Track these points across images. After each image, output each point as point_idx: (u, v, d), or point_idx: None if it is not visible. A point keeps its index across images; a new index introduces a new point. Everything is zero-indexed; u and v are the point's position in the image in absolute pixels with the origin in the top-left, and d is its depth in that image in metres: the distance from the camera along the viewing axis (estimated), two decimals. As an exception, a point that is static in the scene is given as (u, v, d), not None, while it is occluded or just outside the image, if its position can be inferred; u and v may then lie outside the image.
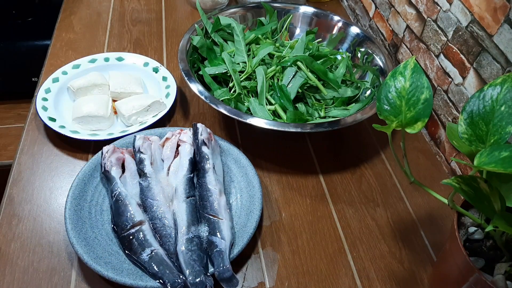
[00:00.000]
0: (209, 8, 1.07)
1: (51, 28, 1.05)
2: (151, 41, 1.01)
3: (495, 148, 0.42)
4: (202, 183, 0.64)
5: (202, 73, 0.79)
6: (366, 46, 0.88)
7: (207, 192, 0.63)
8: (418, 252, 0.65)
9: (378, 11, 0.98)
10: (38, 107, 0.77)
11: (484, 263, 0.49)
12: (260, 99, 0.76)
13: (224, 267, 0.56)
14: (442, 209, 0.70)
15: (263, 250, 0.63)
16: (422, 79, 0.50)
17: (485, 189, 0.43)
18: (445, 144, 0.77)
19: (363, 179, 0.75)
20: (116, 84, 0.83)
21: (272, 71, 0.79)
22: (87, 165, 0.67)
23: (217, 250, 0.57)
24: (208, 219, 0.61)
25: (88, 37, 1.01)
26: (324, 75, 0.79)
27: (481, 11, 0.64)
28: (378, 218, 0.69)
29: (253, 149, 0.77)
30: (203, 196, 0.63)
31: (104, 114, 0.77)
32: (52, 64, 0.93)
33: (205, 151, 0.66)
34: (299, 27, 0.96)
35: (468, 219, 0.53)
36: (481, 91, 0.47)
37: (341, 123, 0.70)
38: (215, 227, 0.60)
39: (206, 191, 0.63)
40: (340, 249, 0.64)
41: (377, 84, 0.81)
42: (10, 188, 0.69)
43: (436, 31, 0.76)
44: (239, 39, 0.85)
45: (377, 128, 0.50)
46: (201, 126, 0.69)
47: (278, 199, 0.70)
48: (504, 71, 0.61)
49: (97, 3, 1.13)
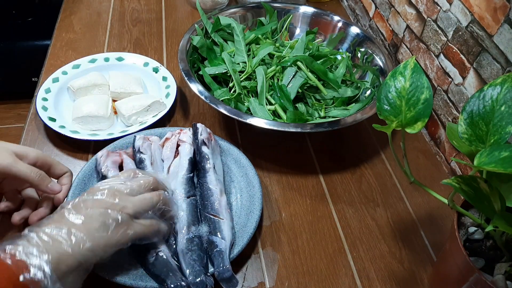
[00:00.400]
0: (209, 8, 1.07)
1: (51, 28, 1.05)
2: (151, 41, 1.01)
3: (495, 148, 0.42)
4: (203, 183, 0.64)
5: (202, 73, 0.79)
6: (366, 46, 0.88)
7: (208, 191, 0.63)
8: (418, 252, 0.65)
9: (378, 11, 0.98)
10: (38, 107, 0.77)
11: (484, 263, 0.49)
12: (260, 99, 0.76)
13: (224, 267, 0.56)
14: (442, 209, 0.70)
15: (263, 250, 0.63)
16: (422, 79, 0.50)
17: (485, 189, 0.43)
18: (445, 144, 0.77)
19: (363, 179, 0.75)
20: (116, 84, 0.83)
21: (272, 71, 0.79)
22: (87, 165, 0.67)
23: (217, 250, 0.57)
24: (209, 218, 0.61)
25: (88, 37, 1.01)
26: (324, 75, 0.79)
27: (481, 11, 0.64)
28: (378, 218, 0.69)
29: (253, 149, 0.77)
30: (204, 195, 0.63)
31: (104, 114, 0.77)
32: (52, 64, 0.93)
33: (205, 151, 0.66)
34: (299, 27, 0.96)
35: (468, 219, 0.53)
36: (481, 91, 0.47)
37: (341, 123, 0.70)
38: (215, 227, 0.60)
39: (207, 190, 0.63)
40: (340, 249, 0.64)
41: (377, 84, 0.81)
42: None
43: (436, 31, 0.76)
44: (239, 39, 0.85)
45: (377, 128, 0.50)
46: (201, 126, 0.69)
47: (278, 199, 0.70)
48: (504, 71, 0.61)
49: (97, 3, 1.13)
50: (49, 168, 0.62)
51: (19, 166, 0.56)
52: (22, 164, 0.57)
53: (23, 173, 0.56)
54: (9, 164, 0.55)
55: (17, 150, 0.58)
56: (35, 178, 0.57)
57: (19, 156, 0.58)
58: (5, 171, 0.55)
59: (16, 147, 0.59)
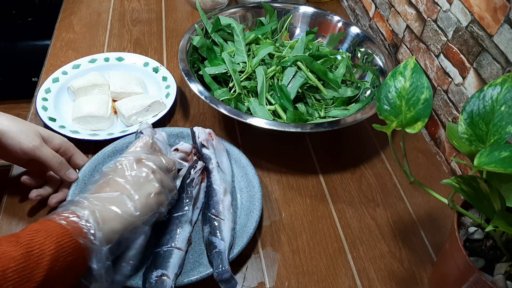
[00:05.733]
0: (209, 8, 1.07)
1: (51, 28, 1.05)
2: (151, 41, 1.01)
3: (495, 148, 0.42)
4: (209, 184, 0.65)
5: (202, 73, 0.79)
6: (366, 46, 0.88)
7: (212, 192, 0.63)
8: (418, 252, 0.65)
9: (378, 11, 0.98)
10: (38, 107, 0.77)
11: (484, 263, 0.49)
12: (260, 99, 0.76)
13: (223, 268, 0.56)
14: (442, 209, 0.70)
15: (263, 250, 0.63)
16: (422, 79, 0.50)
17: (485, 189, 0.43)
18: (445, 144, 0.77)
19: (363, 179, 0.75)
20: (116, 84, 0.83)
21: (272, 71, 0.79)
22: (87, 165, 0.67)
23: (216, 251, 0.57)
24: (210, 219, 0.61)
25: (88, 37, 1.01)
26: (324, 75, 0.79)
27: (481, 11, 0.64)
28: (378, 218, 0.69)
29: (253, 149, 0.77)
30: (208, 195, 0.64)
31: (104, 114, 0.77)
32: (52, 64, 0.93)
33: (205, 152, 0.67)
34: (299, 27, 0.96)
35: (468, 219, 0.53)
36: (481, 91, 0.47)
37: (341, 123, 0.70)
38: (216, 228, 0.60)
39: (211, 191, 0.64)
40: (340, 249, 0.64)
41: (377, 84, 0.81)
42: (10, 188, 0.69)
43: (436, 31, 0.76)
44: (239, 39, 0.85)
45: (377, 128, 0.50)
46: (198, 129, 0.69)
47: (278, 199, 0.70)
48: (504, 71, 0.61)
49: (97, 3, 1.13)
50: (71, 156, 0.65)
51: (43, 150, 0.60)
52: (47, 149, 0.60)
53: (46, 157, 0.60)
54: (35, 147, 0.59)
55: (44, 133, 0.62)
56: (55, 164, 0.61)
57: (45, 139, 0.61)
58: (31, 153, 0.59)
59: (44, 131, 0.62)
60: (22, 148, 0.59)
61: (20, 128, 0.59)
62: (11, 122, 0.60)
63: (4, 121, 0.59)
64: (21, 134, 0.59)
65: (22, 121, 0.61)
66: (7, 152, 0.60)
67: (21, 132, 0.59)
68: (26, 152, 0.59)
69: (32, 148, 0.59)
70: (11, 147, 0.59)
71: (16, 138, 0.59)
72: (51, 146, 0.62)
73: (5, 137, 0.58)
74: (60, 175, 0.63)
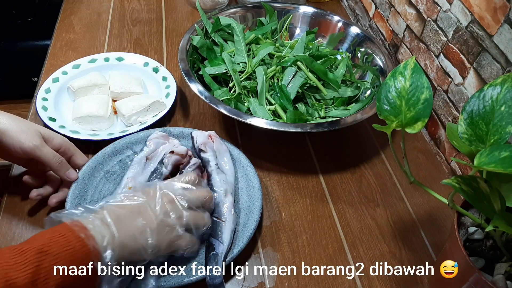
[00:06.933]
0: (209, 8, 1.07)
1: (51, 28, 1.05)
2: (151, 41, 1.01)
3: (495, 148, 0.42)
4: (210, 187, 0.64)
5: (202, 73, 0.79)
6: (366, 46, 0.88)
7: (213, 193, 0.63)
8: (418, 252, 0.65)
9: (378, 11, 0.98)
10: (38, 107, 0.77)
11: (484, 263, 0.49)
12: (260, 99, 0.76)
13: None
14: (442, 209, 0.70)
15: (263, 250, 0.63)
16: (422, 79, 0.50)
17: (485, 189, 0.43)
18: (445, 144, 0.77)
19: (363, 179, 0.75)
20: (116, 84, 0.83)
21: (272, 71, 0.79)
22: (87, 165, 0.67)
23: (213, 253, 0.57)
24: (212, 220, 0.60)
25: (88, 37, 1.01)
26: (324, 75, 0.79)
27: (481, 11, 0.64)
28: (378, 218, 0.69)
29: (253, 149, 0.77)
30: None
31: (104, 114, 0.77)
32: (52, 64, 0.93)
33: (204, 156, 0.67)
34: (299, 27, 0.96)
35: (468, 219, 0.53)
36: (481, 91, 0.47)
37: (341, 123, 0.70)
38: (216, 229, 0.60)
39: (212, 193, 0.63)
40: (340, 249, 0.64)
41: (377, 84, 0.81)
42: (10, 188, 0.69)
43: (436, 31, 0.76)
44: (239, 39, 0.85)
45: (377, 128, 0.50)
46: (196, 134, 0.70)
47: (278, 199, 0.70)
48: (504, 71, 0.61)
49: (97, 3, 1.13)
50: (71, 156, 0.65)
51: (44, 149, 0.60)
52: (47, 149, 0.61)
53: (46, 157, 0.60)
54: (36, 147, 0.59)
55: (44, 133, 0.62)
56: (55, 164, 0.61)
57: (45, 139, 0.62)
58: (31, 152, 0.59)
59: (44, 130, 0.63)
60: (22, 147, 0.59)
61: (20, 128, 0.59)
62: (12, 121, 0.60)
63: (5, 120, 0.59)
64: (22, 133, 0.59)
65: (23, 120, 0.61)
66: (8, 151, 0.60)
67: (22, 132, 0.59)
68: (27, 151, 0.59)
69: (32, 147, 0.59)
70: (11, 146, 0.59)
71: (17, 137, 0.59)
72: (51, 146, 0.62)
73: (6, 136, 0.59)
74: (60, 175, 0.63)
